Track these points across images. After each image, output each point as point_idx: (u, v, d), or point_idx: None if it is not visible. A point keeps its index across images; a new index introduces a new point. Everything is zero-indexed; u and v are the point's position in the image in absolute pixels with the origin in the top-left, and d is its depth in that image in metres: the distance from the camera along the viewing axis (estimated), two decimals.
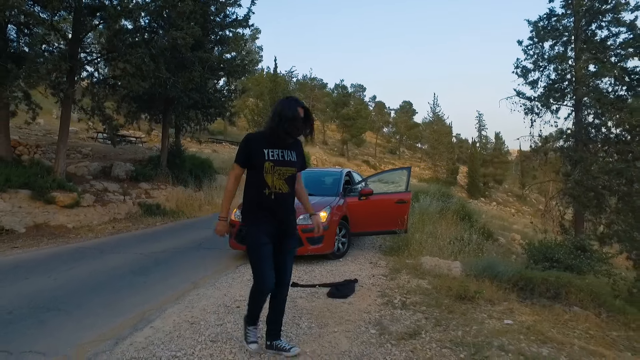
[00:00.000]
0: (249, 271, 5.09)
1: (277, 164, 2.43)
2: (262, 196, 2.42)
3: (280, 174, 2.44)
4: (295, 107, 2.45)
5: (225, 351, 2.76)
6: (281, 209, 2.47)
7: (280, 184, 2.44)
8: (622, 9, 11.11)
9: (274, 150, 2.45)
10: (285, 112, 2.42)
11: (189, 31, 9.79)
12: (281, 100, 2.54)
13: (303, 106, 2.51)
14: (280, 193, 2.44)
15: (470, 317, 3.21)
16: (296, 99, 2.55)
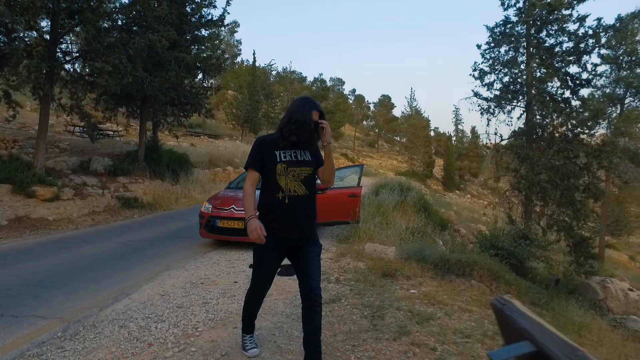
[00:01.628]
0: (215, 256, 5.90)
1: (290, 165, 2.29)
2: (276, 201, 2.28)
3: (294, 175, 2.29)
4: (309, 109, 2.27)
5: (188, 313, 3.53)
6: (297, 213, 2.29)
7: (296, 185, 2.28)
8: (566, 20, 12.16)
9: (286, 152, 2.31)
10: (297, 113, 2.28)
11: (164, 34, 10.34)
12: (297, 100, 2.39)
13: (318, 109, 2.32)
14: (295, 196, 2.28)
15: (386, 288, 4.06)
16: (312, 101, 2.35)
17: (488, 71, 13.13)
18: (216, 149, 22.03)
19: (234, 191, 7.44)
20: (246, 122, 32.55)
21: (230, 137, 32.49)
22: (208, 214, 6.51)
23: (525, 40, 12.86)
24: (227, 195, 7.12)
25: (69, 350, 2.88)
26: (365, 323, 3.18)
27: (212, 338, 3.01)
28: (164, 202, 12.06)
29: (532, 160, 11.72)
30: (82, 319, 3.45)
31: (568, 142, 12.18)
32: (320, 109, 2.35)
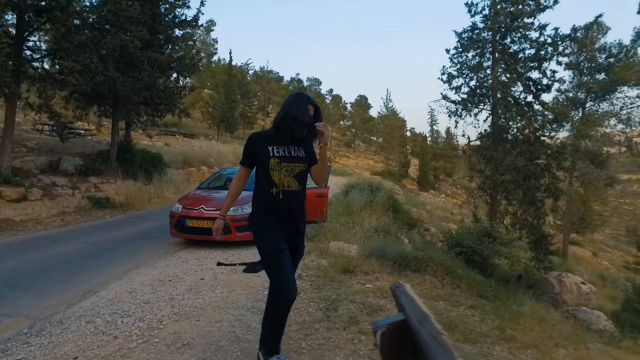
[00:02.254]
0: (185, 254, 6.03)
1: (283, 160, 2.28)
2: (270, 196, 2.27)
3: (288, 171, 2.28)
4: (304, 103, 2.28)
5: (154, 308, 3.70)
6: (290, 209, 2.29)
7: (289, 180, 2.28)
8: (528, 28, 12.79)
9: (279, 147, 2.30)
10: (292, 108, 2.27)
11: (137, 34, 10.34)
12: (292, 95, 2.38)
13: (314, 104, 2.34)
14: (289, 191, 2.28)
15: (344, 283, 4.33)
16: (307, 96, 2.37)
17: (456, 75, 13.67)
18: (191, 149, 21.92)
19: (205, 191, 7.58)
20: (222, 121, 32.40)
21: (206, 136, 32.28)
22: (178, 214, 6.64)
23: (490, 46, 13.43)
24: (198, 195, 7.27)
25: (34, 345, 3.01)
26: (320, 315, 3.44)
27: (176, 330, 3.20)
28: (137, 202, 12.01)
29: (497, 162, 12.29)
30: (48, 316, 3.58)
31: (530, 144, 12.81)
32: (314, 103, 2.36)
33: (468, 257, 10.49)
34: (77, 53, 9.27)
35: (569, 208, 27.41)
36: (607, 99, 22.25)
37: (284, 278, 2.20)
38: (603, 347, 3.82)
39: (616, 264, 39.00)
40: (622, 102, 21.51)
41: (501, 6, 13.06)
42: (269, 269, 2.27)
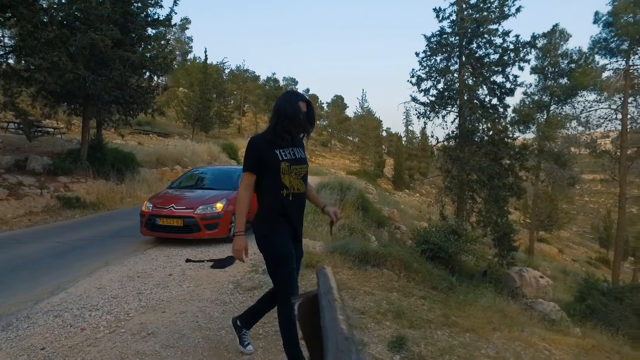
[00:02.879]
0: (155, 252, 6.17)
1: (292, 163, 2.29)
2: (281, 198, 2.26)
3: (297, 173, 2.31)
4: (295, 101, 2.28)
5: (122, 302, 3.87)
6: (297, 211, 2.34)
7: (298, 183, 2.31)
8: (493, 34, 13.40)
9: (284, 150, 2.30)
10: (285, 109, 2.26)
11: (108, 33, 10.30)
12: (281, 96, 2.38)
13: (305, 100, 2.33)
14: (298, 193, 2.31)
15: (306, 277, 4.59)
16: (296, 93, 2.39)
17: (425, 78, 14.15)
18: (165, 148, 21.72)
19: (176, 191, 7.71)
20: (197, 120, 32.15)
21: (181, 135, 31.95)
22: (149, 213, 6.75)
23: (458, 51, 13.98)
24: (168, 194, 7.39)
25: (0, 339, 3.14)
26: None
27: (142, 321, 3.39)
28: (108, 202, 11.94)
29: (463, 162, 12.82)
30: (15, 312, 3.69)
31: (495, 145, 13.42)
32: (305, 98, 2.35)
33: (434, 254, 10.95)
34: (44, 50, 9.17)
35: (534, 207, 28.57)
36: (569, 103, 23.36)
37: (293, 283, 2.25)
38: (538, 330, 4.21)
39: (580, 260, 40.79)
40: (583, 106, 22.62)
41: (467, 12, 13.61)
42: (280, 274, 2.25)
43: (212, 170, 8.98)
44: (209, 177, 8.33)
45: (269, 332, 3.15)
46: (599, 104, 21.02)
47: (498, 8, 13.41)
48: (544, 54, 24.40)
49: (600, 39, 19.11)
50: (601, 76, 19.98)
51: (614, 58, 19.09)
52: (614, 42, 18.43)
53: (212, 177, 8.29)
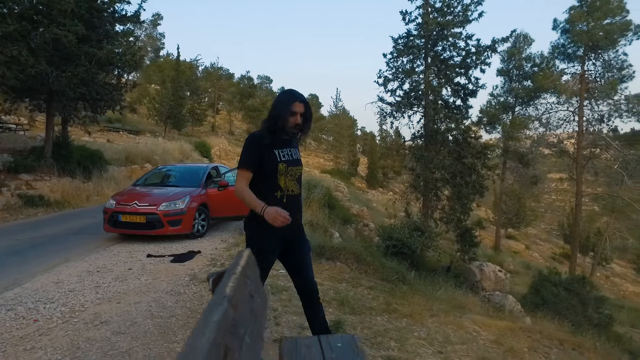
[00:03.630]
0: (117, 248, 6.25)
1: (289, 164, 2.26)
2: (275, 199, 2.20)
3: (292, 175, 2.27)
4: (290, 102, 2.21)
5: (78, 295, 3.99)
6: (293, 212, 2.23)
7: (293, 185, 2.28)
8: (457, 37, 13.93)
9: (283, 150, 2.27)
10: (281, 109, 2.22)
11: (71, 28, 10.16)
12: (279, 94, 2.36)
13: (302, 100, 2.25)
14: (292, 195, 2.27)
15: None
16: (293, 92, 2.29)
17: (391, 78, 14.56)
18: (134, 146, 21.42)
19: (140, 188, 7.78)
20: (169, 118, 31.73)
21: (153, 133, 31.47)
22: (112, 210, 6.81)
23: (423, 53, 14.45)
24: (132, 191, 7.46)
25: None
26: None
27: (96, 311, 3.53)
28: (74, 200, 11.79)
29: (427, 160, 13.29)
30: None
31: (458, 145, 13.95)
32: (302, 99, 2.26)
33: (398, 249, 11.35)
34: (2, 44, 8.99)
35: (500, 204, 29.62)
36: (532, 104, 24.40)
37: None
38: (476, 317, 4.58)
39: (545, 256, 42.47)
40: (545, 107, 23.68)
41: (433, 16, 14.09)
42: None
43: (178, 168, 9.07)
44: (175, 174, 8.42)
45: None
46: (559, 106, 22.10)
47: (462, 12, 13.93)
48: (509, 57, 25.41)
49: (558, 45, 20.13)
50: (560, 80, 21.03)
51: (571, 63, 20.14)
52: (571, 48, 19.44)
53: (177, 174, 8.38)
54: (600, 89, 19.42)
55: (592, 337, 6.65)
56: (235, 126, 48.43)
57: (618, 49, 18.39)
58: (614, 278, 40.72)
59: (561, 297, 11.32)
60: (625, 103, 18.82)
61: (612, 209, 31.59)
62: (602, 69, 19.22)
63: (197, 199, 7.06)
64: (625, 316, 18.36)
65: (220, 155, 32.25)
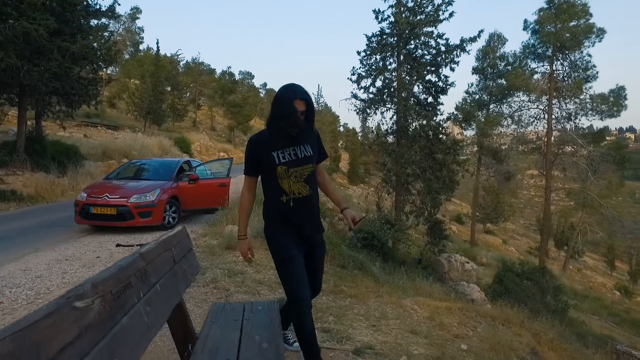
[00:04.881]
0: (88, 239, 6.45)
1: (291, 166, 2.10)
2: (280, 204, 2.13)
3: (297, 177, 2.11)
4: (291, 99, 2.03)
5: (45, 280, 4.22)
6: (302, 215, 2.15)
7: (299, 187, 2.12)
8: (429, 36, 14.37)
9: (284, 151, 2.11)
10: (279, 107, 2.06)
11: (42, 22, 10.15)
12: (279, 90, 2.13)
13: (303, 97, 2.06)
14: (299, 197, 2.12)
15: (223, 257, 5.12)
16: (293, 89, 2.07)
17: (365, 75, 14.93)
18: (112, 141, 21.34)
19: (112, 181, 7.97)
20: (149, 113, 31.51)
21: (132, 128, 31.20)
22: (83, 202, 7.00)
23: (396, 50, 14.85)
24: (103, 184, 7.65)
25: None
26: None
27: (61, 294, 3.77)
28: (48, 195, 11.81)
29: (398, 155, 13.73)
30: None
31: (429, 141, 14.42)
32: (305, 96, 2.06)
33: (369, 242, 11.76)
34: None
35: (475, 199, 30.43)
36: (505, 102, 25.16)
37: (297, 286, 2.11)
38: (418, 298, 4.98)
39: (521, 250, 43.73)
40: (518, 105, 24.48)
41: (405, 15, 14.49)
42: (284, 275, 2.18)
43: (151, 162, 9.26)
44: (147, 168, 8.61)
45: None
46: (530, 104, 22.90)
47: (433, 12, 14.37)
48: (483, 56, 26.11)
49: (529, 45, 20.85)
50: (531, 79, 21.80)
51: (541, 62, 20.90)
52: (540, 48, 20.17)
53: (150, 168, 8.57)
54: (567, 88, 20.22)
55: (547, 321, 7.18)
56: (217, 122, 48.23)
57: (583, 50, 19.22)
58: (586, 271, 42.30)
59: (523, 286, 11.92)
60: (589, 102, 19.66)
61: (583, 204, 32.68)
62: (569, 69, 20.03)
63: (168, 192, 7.30)
64: (588, 304, 19.31)
65: (200, 151, 32.22)
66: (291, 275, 2.15)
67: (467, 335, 3.78)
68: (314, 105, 2.16)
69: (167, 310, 1.55)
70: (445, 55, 13.81)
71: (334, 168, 48.81)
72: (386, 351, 2.95)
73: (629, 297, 28.92)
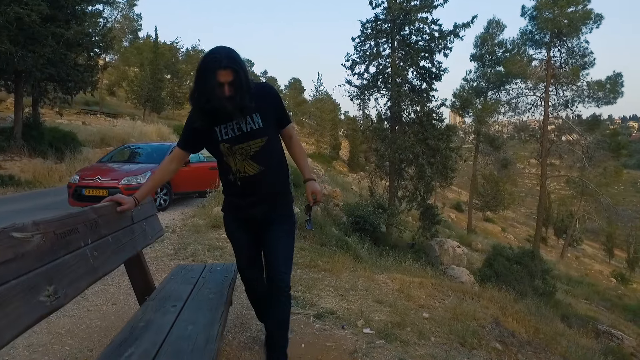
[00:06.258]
0: None
1: (233, 143, 1.85)
2: (229, 182, 1.97)
3: (243, 154, 1.86)
4: (212, 70, 1.68)
5: None
6: (250, 195, 1.93)
7: (246, 165, 1.88)
8: (423, 22, 14.38)
9: (227, 125, 1.84)
10: (199, 82, 1.73)
11: (34, 7, 10.21)
12: (200, 61, 1.77)
13: (226, 65, 1.67)
14: (246, 176, 1.89)
15: (207, 235, 5.32)
16: (215, 56, 1.70)
17: (359, 62, 14.99)
18: (110, 128, 21.50)
19: (105, 164, 8.16)
20: (148, 101, 31.60)
21: (132, 116, 31.36)
22: (75, 184, 7.20)
23: (390, 36, 14.87)
24: (96, 167, 7.84)
25: None
26: (171, 251, 4.41)
27: None
28: (46, 180, 11.99)
29: (390, 141, 13.86)
30: None
31: (422, 126, 14.52)
32: (230, 63, 1.68)
33: (360, 226, 11.97)
34: None
35: (472, 186, 30.57)
36: (503, 89, 25.12)
37: (237, 263, 2.12)
38: (394, 274, 5.17)
39: (520, 238, 43.96)
40: (516, 92, 24.44)
41: (399, 0, 14.46)
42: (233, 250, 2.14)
43: (144, 146, 9.42)
44: (140, 152, 8.78)
45: (153, 269, 3.86)
46: (528, 91, 22.88)
47: None
48: (482, 43, 25.98)
49: (527, 31, 20.76)
50: (529, 65, 21.74)
51: (539, 49, 20.82)
52: (538, 35, 20.09)
53: (143, 152, 8.74)
54: (564, 75, 20.19)
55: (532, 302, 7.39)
56: None
57: (580, 37, 19.14)
58: (584, 259, 42.58)
59: (512, 270, 12.15)
60: (586, 89, 19.65)
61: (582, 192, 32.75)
62: (567, 56, 19.97)
63: None
64: (581, 290, 19.57)
65: None
66: (235, 254, 2.10)
67: (433, 306, 3.97)
68: (244, 70, 1.72)
69: (118, 259, 1.73)
70: (438, 41, 13.83)
71: (334, 156, 48.91)
72: (347, 316, 3.15)
73: (625, 284, 29.20)
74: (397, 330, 3.00)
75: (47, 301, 1.16)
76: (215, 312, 1.73)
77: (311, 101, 57.19)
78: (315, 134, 49.01)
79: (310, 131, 55.19)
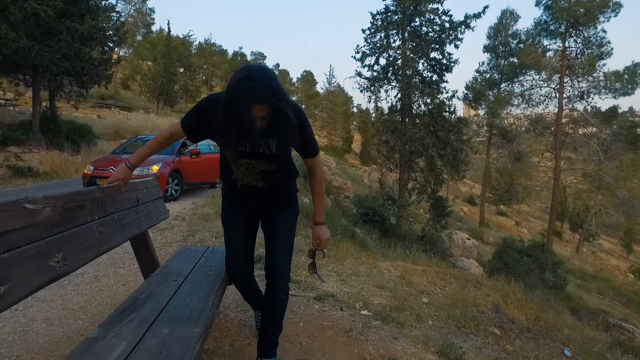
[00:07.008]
0: None
1: (241, 156, 1.71)
2: (230, 182, 1.85)
3: (248, 168, 1.73)
4: (246, 103, 1.42)
5: None
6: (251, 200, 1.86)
7: (250, 178, 1.76)
8: (434, 13, 14.26)
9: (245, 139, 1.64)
10: (229, 109, 1.48)
11: (50, 2, 10.46)
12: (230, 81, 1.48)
13: (265, 100, 1.43)
14: (250, 186, 1.78)
15: (216, 223, 5.46)
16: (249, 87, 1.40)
17: (369, 54, 14.95)
18: (124, 121, 21.91)
19: (118, 155, 8.39)
20: (161, 94, 32.02)
21: (146, 109, 31.84)
22: (90, 174, 7.44)
23: (401, 28, 14.79)
24: (110, 157, 8.08)
25: None
26: (179, 238, 4.57)
27: None
28: (62, 172, 12.33)
29: (401, 133, 13.84)
30: None
31: (433, 118, 14.47)
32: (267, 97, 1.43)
33: (370, 217, 12.03)
34: None
35: (485, 179, 30.27)
36: (516, 81, 24.71)
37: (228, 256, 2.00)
38: (397, 262, 5.25)
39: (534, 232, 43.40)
40: (530, 84, 24.02)
41: None
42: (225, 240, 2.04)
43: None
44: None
45: (161, 254, 4.02)
46: (542, 83, 22.47)
47: None
48: (495, 34, 25.58)
49: (541, 21, 20.35)
50: (544, 56, 21.33)
51: (553, 40, 20.41)
52: (553, 25, 19.68)
53: None
54: (580, 65, 19.78)
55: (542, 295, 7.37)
56: None
57: (597, 26, 18.69)
58: (600, 253, 41.85)
59: (522, 262, 12.09)
60: (603, 80, 19.22)
61: (598, 186, 32.15)
62: (583, 46, 19.54)
63: (170, 165, 7.68)
64: (595, 285, 19.34)
65: None
66: (226, 240, 2.01)
67: (434, 292, 4.05)
68: (284, 106, 1.47)
69: (123, 236, 1.86)
70: (449, 32, 13.71)
71: (346, 149, 48.90)
72: (346, 299, 3.25)
73: None
74: (395, 313, 3.09)
75: (56, 266, 1.28)
76: (213, 286, 1.85)
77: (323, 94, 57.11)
78: (327, 126, 48.99)
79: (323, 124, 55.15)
